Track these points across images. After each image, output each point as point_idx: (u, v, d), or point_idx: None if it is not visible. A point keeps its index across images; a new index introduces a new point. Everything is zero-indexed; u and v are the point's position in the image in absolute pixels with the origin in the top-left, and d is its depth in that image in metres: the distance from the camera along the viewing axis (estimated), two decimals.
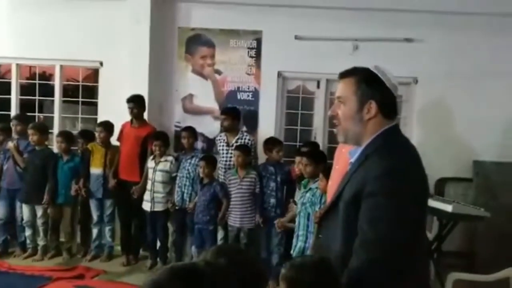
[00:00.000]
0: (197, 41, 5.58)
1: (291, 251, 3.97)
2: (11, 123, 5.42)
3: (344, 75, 1.79)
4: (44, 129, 5.31)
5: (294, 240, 3.93)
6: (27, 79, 6.26)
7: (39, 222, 5.24)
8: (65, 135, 5.29)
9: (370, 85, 1.70)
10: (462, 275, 3.18)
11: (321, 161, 4.06)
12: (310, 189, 3.96)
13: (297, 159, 4.34)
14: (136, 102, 5.08)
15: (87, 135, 5.40)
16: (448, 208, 3.66)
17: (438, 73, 5.16)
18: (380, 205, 1.56)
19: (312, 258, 1.66)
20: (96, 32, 5.52)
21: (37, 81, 6.03)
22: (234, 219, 4.72)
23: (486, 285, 3.20)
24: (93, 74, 6.49)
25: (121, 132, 5.23)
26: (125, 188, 5.12)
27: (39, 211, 5.21)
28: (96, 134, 5.26)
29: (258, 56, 5.47)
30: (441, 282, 3.27)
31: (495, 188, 4.92)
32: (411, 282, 1.62)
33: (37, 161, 5.16)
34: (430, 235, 4.24)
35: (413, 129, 5.29)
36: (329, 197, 2.87)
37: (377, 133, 1.70)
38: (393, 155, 1.63)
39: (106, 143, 5.22)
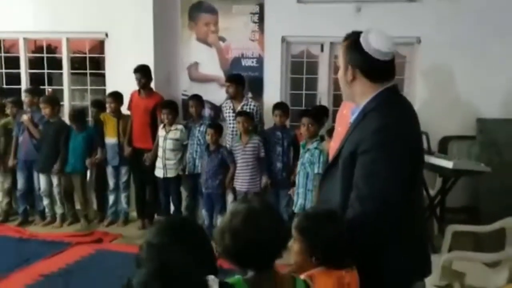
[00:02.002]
0: (200, 9, 5.62)
1: (293, 207, 4.25)
2: (24, 96, 5.55)
3: (343, 40, 1.90)
4: (55, 101, 5.45)
5: (295, 198, 4.19)
6: (33, 52, 6.34)
7: (55, 191, 5.43)
8: (75, 116, 5.41)
9: (351, 50, 1.83)
10: (460, 226, 3.31)
11: (320, 121, 4.22)
12: (308, 149, 4.15)
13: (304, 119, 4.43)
14: (143, 72, 5.18)
15: (99, 105, 5.56)
16: (449, 164, 3.78)
17: (441, 33, 5.16)
18: (374, 161, 1.67)
19: (322, 210, 1.80)
20: (100, 3, 5.55)
21: (44, 55, 6.12)
22: (241, 184, 4.87)
23: (484, 235, 3.34)
24: (99, 46, 6.56)
25: (131, 101, 5.36)
26: (140, 155, 5.30)
27: (55, 181, 5.40)
28: (107, 105, 5.40)
29: (261, 21, 5.50)
30: (442, 235, 3.41)
31: (499, 145, 4.97)
32: (406, 236, 1.76)
33: (50, 132, 5.33)
34: (433, 192, 4.37)
35: (416, 89, 5.34)
36: (332, 157, 3.00)
37: (375, 94, 1.80)
38: (387, 113, 1.74)
39: (117, 113, 5.37)
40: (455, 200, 4.67)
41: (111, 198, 5.51)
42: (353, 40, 1.82)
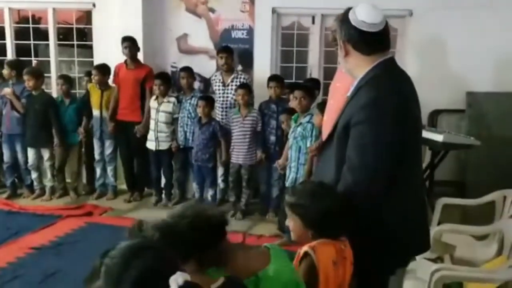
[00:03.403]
0: None
1: (285, 181, 4.28)
2: (4, 68, 5.39)
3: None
4: (39, 73, 5.31)
5: (287, 172, 4.21)
6: (16, 23, 6.17)
7: (47, 164, 5.38)
8: (65, 77, 5.37)
9: (342, 25, 1.84)
10: (450, 199, 3.36)
11: (312, 95, 4.20)
12: (300, 123, 4.14)
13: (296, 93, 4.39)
14: (131, 41, 5.08)
15: (91, 75, 5.41)
16: (439, 138, 3.80)
17: (433, 5, 5.12)
18: (364, 133, 1.71)
19: (310, 184, 1.81)
20: None
21: (30, 25, 5.96)
22: (237, 156, 4.87)
23: (474, 208, 3.39)
24: (85, 17, 6.42)
25: (117, 74, 5.24)
26: (127, 128, 5.23)
27: (46, 154, 5.33)
28: (92, 77, 5.30)
29: None
30: (432, 208, 3.46)
31: (488, 118, 5.00)
32: (401, 209, 1.78)
33: (36, 105, 5.21)
34: (423, 165, 4.41)
35: (407, 62, 5.30)
36: (325, 130, 3.00)
37: (370, 67, 1.82)
38: (377, 86, 1.76)
39: (102, 85, 5.26)
40: (443, 174, 4.72)
41: (97, 171, 5.47)
42: (343, 15, 1.84)
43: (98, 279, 1.07)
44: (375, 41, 1.82)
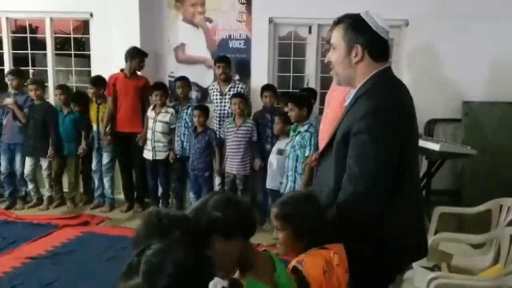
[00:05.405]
0: None
1: (282, 190, 4.28)
2: (7, 78, 5.41)
3: (336, 22, 1.89)
4: (43, 83, 5.38)
5: (284, 180, 4.21)
6: (13, 32, 6.18)
7: (45, 174, 5.38)
8: (63, 87, 5.37)
9: (356, 30, 1.81)
10: (447, 208, 3.36)
11: (305, 105, 4.20)
12: (299, 132, 4.15)
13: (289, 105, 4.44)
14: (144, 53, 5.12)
15: (78, 99, 5.38)
16: (436, 147, 3.82)
17: (428, 15, 5.17)
18: (364, 143, 1.71)
19: (296, 193, 1.83)
20: None
21: (28, 35, 5.98)
22: (231, 166, 4.87)
23: (470, 217, 3.40)
24: (82, 26, 6.45)
25: (113, 85, 5.19)
26: (127, 140, 5.21)
27: (44, 164, 5.34)
28: (88, 90, 5.30)
29: (248, 2, 5.44)
30: (429, 217, 3.47)
31: (484, 127, 5.02)
32: (400, 216, 1.78)
33: (37, 115, 5.23)
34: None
35: (404, 72, 5.35)
36: (321, 139, 3.01)
37: (368, 76, 1.82)
38: (377, 96, 1.76)
39: (97, 98, 5.27)
40: (439, 183, 4.73)
41: (95, 181, 5.46)
42: (356, 20, 1.82)
43: (135, 277, 1.08)
44: (387, 48, 1.84)
